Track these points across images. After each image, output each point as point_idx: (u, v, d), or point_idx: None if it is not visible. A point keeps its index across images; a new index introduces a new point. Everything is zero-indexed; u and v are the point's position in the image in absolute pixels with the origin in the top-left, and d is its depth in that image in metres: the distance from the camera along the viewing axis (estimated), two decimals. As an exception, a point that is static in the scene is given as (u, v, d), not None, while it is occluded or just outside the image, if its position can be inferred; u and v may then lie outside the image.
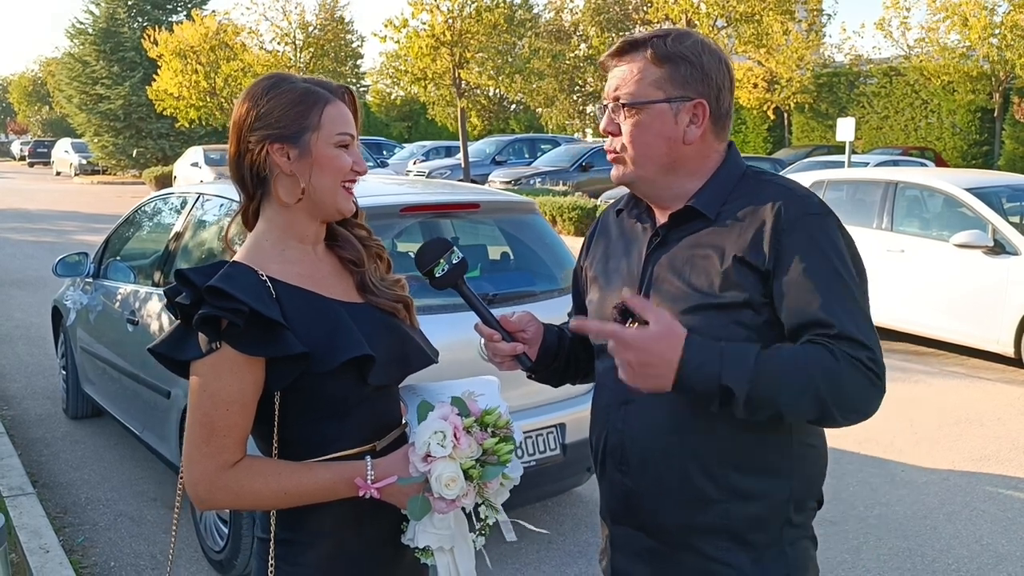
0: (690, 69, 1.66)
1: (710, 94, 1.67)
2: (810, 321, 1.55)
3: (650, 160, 1.69)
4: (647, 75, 1.66)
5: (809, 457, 1.71)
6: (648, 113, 1.66)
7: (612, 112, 1.71)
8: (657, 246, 1.72)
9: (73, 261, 5.73)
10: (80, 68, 36.80)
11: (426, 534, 1.58)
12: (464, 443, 1.54)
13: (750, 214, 1.63)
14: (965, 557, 4.15)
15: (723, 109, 1.70)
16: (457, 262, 1.79)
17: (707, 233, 1.66)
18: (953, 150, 26.85)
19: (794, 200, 1.63)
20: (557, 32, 37.16)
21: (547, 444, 3.94)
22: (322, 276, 1.68)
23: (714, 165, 1.72)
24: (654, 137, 1.67)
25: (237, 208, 1.75)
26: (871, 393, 1.54)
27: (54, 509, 4.64)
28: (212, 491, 1.56)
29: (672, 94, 1.65)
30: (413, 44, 22.77)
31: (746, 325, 1.60)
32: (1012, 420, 6.15)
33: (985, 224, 7.47)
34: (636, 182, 1.73)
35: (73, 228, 18.05)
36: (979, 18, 22.94)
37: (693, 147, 1.68)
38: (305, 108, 1.63)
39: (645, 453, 1.69)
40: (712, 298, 1.62)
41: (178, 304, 1.56)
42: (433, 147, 30.23)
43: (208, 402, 1.54)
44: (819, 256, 1.57)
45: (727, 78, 1.70)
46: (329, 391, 1.60)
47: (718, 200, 1.68)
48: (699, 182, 1.70)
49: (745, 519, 1.65)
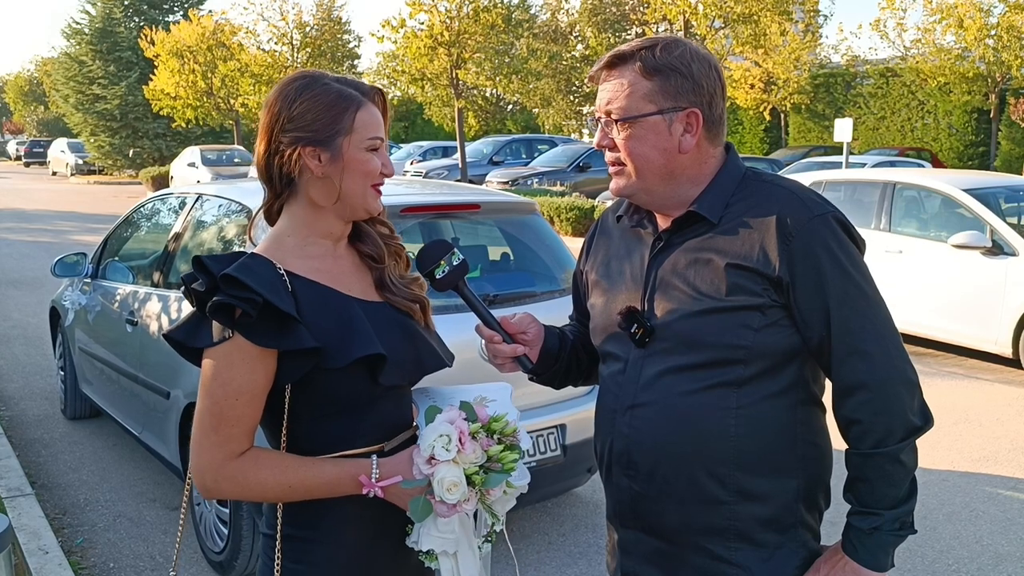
0: (680, 79, 1.65)
1: (702, 102, 1.67)
2: (852, 383, 1.62)
3: (649, 171, 1.68)
4: (637, 88, 1.66)
5: (814, 456, 1.71)
6: (641, 127, 1.66)
7: (605, 127, 1.71)
8: (660, 251, 1.72)
9: (71, 261, 5.72)
10: (76, 68, 36.76)
11: (430, 537, 1.58)
12: (469, 448, 1.54)
13: (753, 217, 1.64)
14: (965, 558, 4.15)
15: (716, 115, 1.70)
16: (458, 264, 1.79)
17: (710, 237, 1.67)
18: (949, 151, 26.91)
19: (797, 203, 1.63)
20: (554, 33, 37.22)
21: (547, 445, 3.94)
22: (341, 272, 1.69)
23: (713, 169, 1.72)
24: (650, 149, 1.67)
25: (241, 209, 1.75)
26: (922, 429, 1.64)
27: (53, 510, 4.63)
28: (218, 480, 1.56)
29: (664, 106, 1.65)
30: (411, 44, 22.77)
31: (753, 328, 1.61)
32: (1011, 420, 6.16)
33: (983, 225, 7.49)
34: (637, 193, 1.73)
35: (70, 228, 18.02)
36: (975, 19, 22.96)
37: (689, 155, 1.68)
38: (339, 112, 1.63)
39: (652, 457, 1.69)
40: (718, 302, 1.62)
41: (193, 291, 1.56)
42: (430, 147, 30.22)
43: (219, 391, 1.54)
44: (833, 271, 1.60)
45: (718, 83, 1.70)
46: (340, 388, 1.60)
47: (720, 204, 1.68)
48: (699, 187, 1.70)
49: (754, 519, 1.66)
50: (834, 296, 1.59)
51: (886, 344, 1.62)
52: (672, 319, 1.66)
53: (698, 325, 1.62)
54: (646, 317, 1.70)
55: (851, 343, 1.60)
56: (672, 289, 1.67)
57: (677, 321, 1.66)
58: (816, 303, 1.59)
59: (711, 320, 1.62)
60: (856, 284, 1.61)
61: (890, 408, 1.60)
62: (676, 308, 1.66)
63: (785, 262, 1.59)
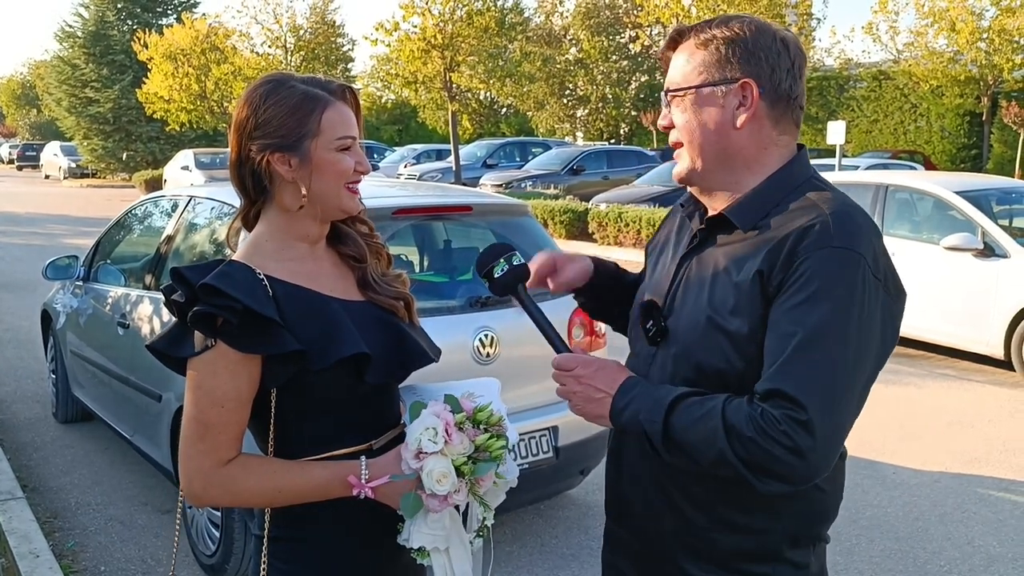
0: (735, 48, 1.54)
1: (761, 73, 1.53)
2: (767, 367, 1.42)
3: (704, 148, 1.57)
4: (692, 61, 1.58)
5: (814, 498, 1.57)
6: (694, 99, 1.57)
7: (666, 106, 1.63)
8: (692, 250, 1.63)
9: (63, 264, 5.70)
10: (69, 71, 36.66)
11: (421, 534, 1.57)
12: (456, 439, 1.53)
13: (781, 232, 1.48)
14: (957, 559, 4.16)
15: (781, 91, 1.54)
16: (517, 264, 1.73)
17: (738, 246, 1.54)
18: (942, 153, 27.00)
19: (824, 227, 1.44)
20: (548, 36, 37.28)
21: (540, 447, 3.94)
22: (322, 274, 1.68)
23: (775, 162, 1.57)
24: (702, 123, 1.56)
25: (233, 211, 1.75)
26: (787, 459, 1.36)
27: (44, 513, 4.61)
28: (207, 488, 1.56)
29: (715, 77, 1.54)
30: (404, 47, 22.78)
31: (749, 361, 1.47)
32: (1002, 422, 6.18)
33: (975, 227, 7.51)
34: (693, 177, 1.61)
35: (62, 231, 17.97)
36: (967, 23, 23.08)
37: (746, 133, 1.55)
38: (304, 115, 1.62)
39: (636, 470, 1.67)
40: (724, 320, 1.51)
41: (174, 302, 1.56)
42: (424, 150, 30.22)
43: (204, 399, 1.54)
44: (816, 294, 1.40)
45: (786, 58, 1.55)
46: (326, 389, 1.59)
47: (758, 212, 1.54)
48: (757, 178, 1.57)
49: (733, 551, 1.57)
50: (808, 324, 1.39)
51: (836, 394, 1.39)
52: (683, 325, 1.58)
53: (701, 340, 1.53)
54: (663, 315, 1.63)
55: (771, 372, 1.40)
56: (692, 293, 1.59)
57: (686, 329, 1.57)
58: (786, 325, 1.41)
59: (713, 339, 1.52)
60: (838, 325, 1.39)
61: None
62: (689, 314, 1.57)
63: (780, 279, 1.44)
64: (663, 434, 1.47)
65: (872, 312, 1.42)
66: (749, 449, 1.38)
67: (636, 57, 36.07)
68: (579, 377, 1.58)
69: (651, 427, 1.48)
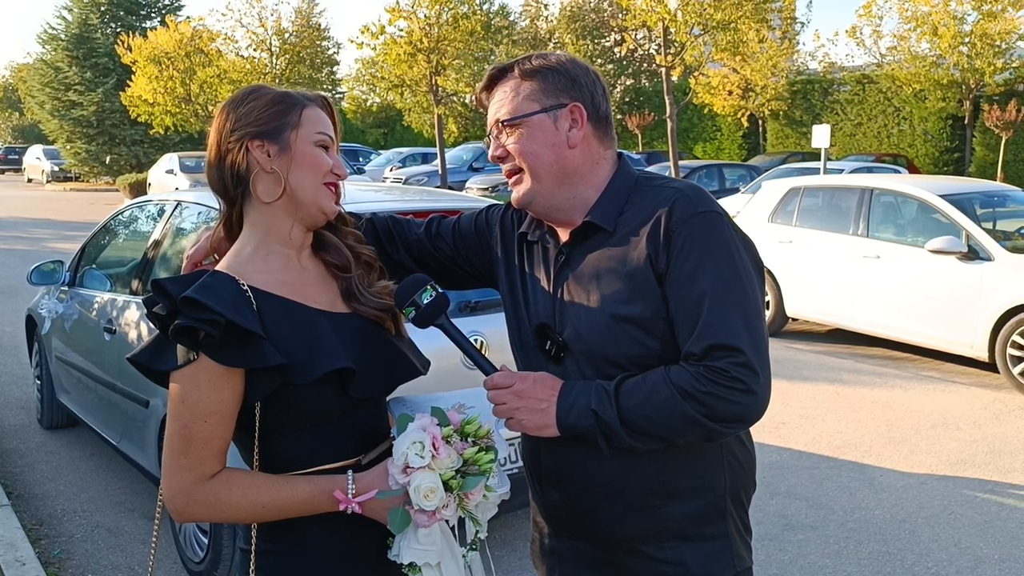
0: (558, 77, 1.70)
1: (584, 97, 1.70)
2: (688, 332, 1.56)
3: (542, 170, 1.70)
4: (520, 92, 1.70)
5: (738, 452, 1.74)
6: (529, 126, 1.69)
7: (496, 138, 1.74)
8: (563, 265, 1.73)
9: (48, 269, 5.66)
10: (52, 74, 36.39)
11: (411, 550, 1.54)
12: (443, 453, 1.51)
13: (646, 221, 1.64)
14: (944, 560, 4.18)
15: (601, 113, 1.73)
16: (431, 300, 1.69)
17: (609, 246, 1.67)
18: (925, 157, 27.19)
19: (683, 200, 1.63)
20: (533, 39, 37.34)
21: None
22: (306, 284, 1.66)
23: (607, 174, 1.73)
24: (540, 146, 1.69)
25: (217, 217, 1.74)
26: (744, 400, 1.54)
27: (30, 521, 4.58)
28: (190, 504, 1.54)
29: (547, 103, 1.69)
30: (390, 51, 22.77)
31: (658, 336, 1.61)
32: (987, 424, 6.22)
33: (959, 230, 7.57)
34: (536, 199, 1.72)
35: (46, 235, 17.84)
36: (949, 27, 23.28)
37: (579, 151, 1.70)
38: (285, 107, 1.63)
39: (582, 472, 1.70)
40: (622, 309, 1.62)
41: (155, 314, 1.54)
42: (410, 154, 30.18)
43: (186, 413, 1.51)
44: (702, 256, 1.57)
45: (598, 85, 1.74)
46: (310, 403, 1.57)
47: (614, 211, 1.69)
48: (595, 192, 1.71)
49: (686, 516, 1.68)
50: (708, 283, 1.56)
51: (755, 329, 1.57)
52: (583, 332, 1.67)
53: (607, 336, 1.63)
54: (557, 332, 1.71)
55: (697, 329, 1.56)
56: (579, 302, 1.68)
57: (588, 333, 1.66)
58: (689, 291, 1.56)
59: (619, 330, 1.62)
60: (732, 275, 1.58)
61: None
62: (585, 321, 1.67)
63: (665, 256, 1.59)
64: (619, 418, 1.56)
65: (743, 254, 1.63)
66: (708, 403, 1.52)
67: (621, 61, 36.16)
68: (519, 392, 1.62)
69: (607, 414, 1.56)
